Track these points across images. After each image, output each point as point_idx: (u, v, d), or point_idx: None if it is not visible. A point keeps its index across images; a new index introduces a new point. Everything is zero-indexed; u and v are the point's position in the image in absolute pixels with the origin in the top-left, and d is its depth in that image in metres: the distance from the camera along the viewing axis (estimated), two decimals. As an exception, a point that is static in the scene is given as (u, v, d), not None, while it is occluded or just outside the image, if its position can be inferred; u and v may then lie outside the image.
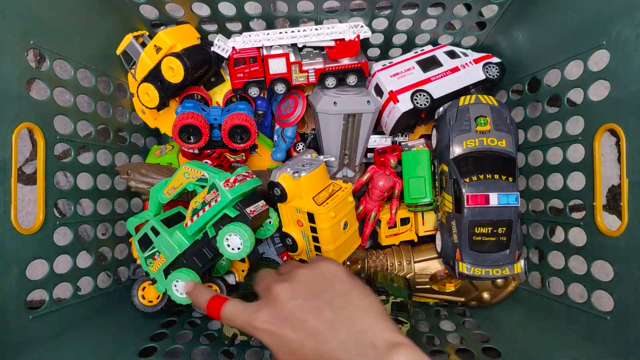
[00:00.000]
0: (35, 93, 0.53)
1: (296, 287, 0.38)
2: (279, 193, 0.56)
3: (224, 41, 0.61)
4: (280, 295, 0.38)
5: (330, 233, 0.56)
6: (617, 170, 0.69)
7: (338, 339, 0.34)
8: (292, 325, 0.36)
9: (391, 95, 0.64)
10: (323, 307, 0.36)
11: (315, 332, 0.35)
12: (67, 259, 0.56)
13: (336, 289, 0.38)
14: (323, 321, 0.35)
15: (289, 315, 0.36)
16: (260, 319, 0.38)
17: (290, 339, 0.35)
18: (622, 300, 0.46)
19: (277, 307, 0.37)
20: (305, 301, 0.37)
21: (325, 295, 0.37)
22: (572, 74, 0.54)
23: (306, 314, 0.36)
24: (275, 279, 0.41)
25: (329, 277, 0.39)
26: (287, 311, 0.36)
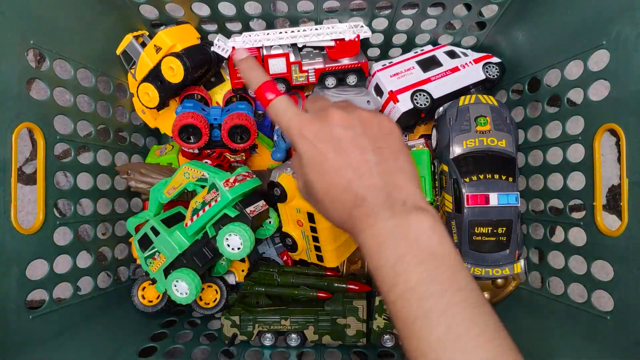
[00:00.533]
0: (35, 93, 0.53)
1: (352, 120, 0.37)
2: (278, 193, 0.56)
3: (224, 41, 0.61)
4: (335, 118, 0.37)
5: (330, 233, 0.56)
6: (617, 170, 0.69)
7: (373, 181, 0.34)
8: (337, 150, 0.35)
9: (391, 95, 0.64)
10: (370, 149, 0.35)
11: (356, 165, 0.35)
12: (67, 259, 0.56)
13: (388, 142, 0.37)
14: (366, 160, 0.35)
15: (337, 139, 0.36)
16: (309, 129, 0.37)
17: (330, 160, 0.35)
18: (622, 300, 0.45)
19: (329, 127, 0.36)
20: (357, 136, 0.36)
21: (376, 142, 0.36)
22: (572, 74, 0.54)
23: (353, 147, 0.35)
24: (333, 104, 0.39)
25: (385, 129, 0.38)
26: (337, 135, 0.36)
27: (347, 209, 0.35)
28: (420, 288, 0.29)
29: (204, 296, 0.63)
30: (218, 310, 0.63)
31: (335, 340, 0.58)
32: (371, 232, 0.33)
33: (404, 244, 0.31)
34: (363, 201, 0.34)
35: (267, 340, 0.58)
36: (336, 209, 0.36)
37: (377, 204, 0.33)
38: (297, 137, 0.37)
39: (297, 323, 0.57)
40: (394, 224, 0.32)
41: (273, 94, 0.40)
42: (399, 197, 0.33)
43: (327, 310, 0.57)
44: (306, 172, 0.37)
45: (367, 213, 0.33)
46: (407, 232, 0.31)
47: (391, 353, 0.58)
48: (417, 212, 0.32)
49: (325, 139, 0.36)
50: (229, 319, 0.58)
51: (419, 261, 0.30)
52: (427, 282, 0.29)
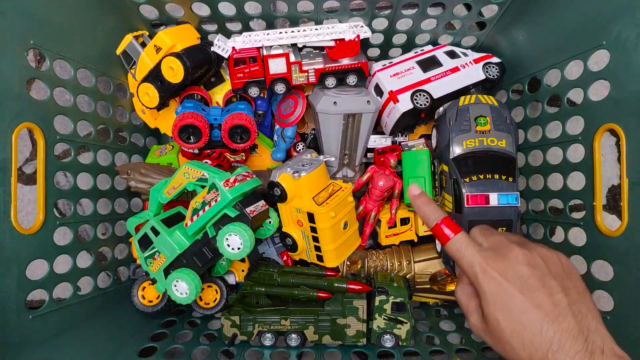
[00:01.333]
0: (35, 93, 0.53)
1: (536, 259, 0.37)
2: (279, 193, 0.56)
3: (223, 41, 0.61)
4: (519, 257, 0.37)
5: (330, 233, 0.56)
6: (617, 170, 0.69)
7: (568, 325, 0.34)
8: (524, 289, 0.35)
9: (391, 95, 0.64)
10: (559, 291, 0.35)
11: (546, 307, 0.34)
12: (67, 259, 0.56)
13: (573, 282, 0.37)
14: (556, 303, 0.35)
15: (524, 279, 0.36)
16: (494, 266, 0.37)
17: (518, 300, 0.35)
18: (622, 300, 0.45)
19: (514, 265, 0.36)
20: (543, 276, 0.36)
21: (562, 282, 0.36)
22: (572, 74, 0.54)
23: (541, 287, 0.35)
24: (512, 239, 0.39)
25: (567, 268, 0.38)
26: (524, 274, 0.36)
27: (542, 352, 0.34)
28: None
29: (204, 296, 0.63)
30: (218, 310, 0.63)
31: (335, 340, 0.58)
32: None
33: None
34: (560, 347, 0.33)
35: (267, 340, 0.58)
36: (526, 351, 0.35)
37: (577, 352, 0.33)
38: (481, 274, 0.37)
39: (297, 323, 0.57)
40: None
41: (452, 231, 0.40)
42: (596, 344, 0.33)
43: (327, 310, 0.57)
44: (491, 311, 0.37)
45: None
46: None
47: (391, 353, 0.57)
48: None
49: (511, 277, 0.36)
50: (229, 319, 0.58)
51: None
52: None
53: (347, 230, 0.59)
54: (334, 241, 0.57)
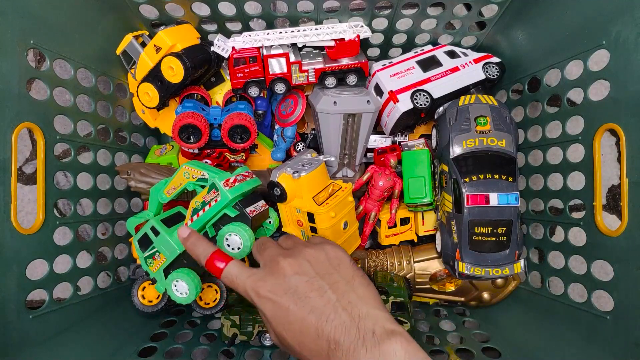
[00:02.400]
0: (35, 93, 0.53)
1: (302, 264, 0.39)
2: (279, 193, 0.56)
3: (223, 41, 0.61)
4: (286, 269, 0.38)
5: (330, 233, 0.56)
6: (617, 170, 0.69)
7: (340, 320, 0.35)
8: (296, 300, 0.36)
9: (391, 95, 0.64)
10: (327, 289, 0.37)
11: (318, 310, 0.35)
12: (67, 258, 0.56)
13: (341, 274, 0.39)
14: (326, 301, 0.36)
15: (293, 290, 0.37)
16: (264, 288, 0.38)
17: (292, 312, 0.36)
18: (622, 300, 0.46)
19: (282, 280, 0.38)
20: (311, 279, 0.37)
21: (329, 278, 0.38)
22: (572, 73, 0.54)
23: (310, 292, 0.36)
24: (280, 252, 0.41)
25: (334, 261, 0.40)
26: (292, 285, 0.37)
27: (324, 356, 0.35)
28: None
29: (204, 296, 0.63)
30: (218, 310, 0.62)
31: (335, 340, 0.57)
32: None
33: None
34: (337, 344, 0.34)
35: (267, 340, 0.58)
36: (314, 357, 0.36)
37: (351, 343, 0.33)
38: (256, 299, 0.38)
39: (297, 323, 0.57)
40: (370, 357, 0.32)
41: (223, 262, 0.41)
42: (368, 327, 0.34)
43: (327, 310, 0.57)
44: (274, 328, 0.38)
45: (344, 355, 0.33)
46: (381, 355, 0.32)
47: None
48: (388, 338, 0.33)
49: (282, 292, 0.37)
50: (229, 319, 0.58)
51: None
52: None
53: (347, 230, 0.59)
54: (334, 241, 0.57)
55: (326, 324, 0.35)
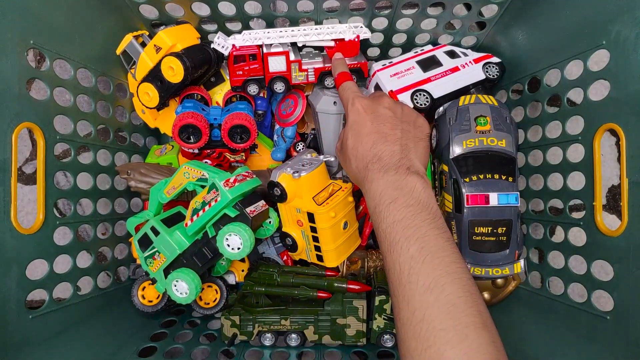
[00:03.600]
0: (35, 93, 0.53)
1: (396, 108, 0.50)
2: (279, 193, 0.56)
3: (224, 38, 0.61)
4: (384, 102, 0.50)
5: (330, 233, 0.56)
6: (617, 170, 0.69)
7: (392, 148, 0.46)
8: (375, 120, 0.48)
9: (391, 95, 0.64)
10: (399, 128, 0.48)
11: (384, 133, 0.47)
12: (67, 258, 0.56)
13: (416, 131, 0.50)
14: (393, 134, 0.47)
15: (379, 115, 0.48)
16: (361, 102, 0.50)
17: (367, 126, 0.47)
18: (622, 300, 0.45)
19: (376, 105, 0.49)
20: (395, 117, 0.49)
21: (406, 125, 0.49)
22: (572, 73, 0.54)
23: (388, 122, 0.48)
24: (385, 95, 0.52)
25: (418, 123, 0.51)
26: (381, 112, 0.48)
27: (365, 162, 0.46)
28: (406, 221, 0.39)
29: (204, 296, 0.63)
30: (218, 310, 0.63)
31: (335, 340, 0.58)
32: (378, 181, 0.43)
33: (399, 192, 0.41)
34: (379, 159, 0.45)
35: (267, 340, 0.58)
36: (357, 161, 0.47)
37: (389, 163, 0.44)
38: (350, 106, 0.50)
39: (297, 323, 0.57)
40: (395, 178, 0.43)
41: (345, 78, 0.56)
42: (407, 164, 0.44)
43: (327, 310, 0.57)
44: (346, 133, 0.49)
45: (379, 168, 0.44)
46: (404, 184, 0.42)
47: (391, 353, 0.58)
48: (416, 175, 0.43)
49: (370, 111, 0.48)
50: (229, 319, 0.58)
51: (408, 204, 0.40)
52: (411, 217, 0.39)
53: (347, 230, 0.60)
54: (334, 241, 0.57)
55: (382, 143, 0.46)
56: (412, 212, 0.39)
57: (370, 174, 0.44)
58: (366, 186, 0.45)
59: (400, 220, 0.39)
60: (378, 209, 0.42)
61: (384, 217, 0.40)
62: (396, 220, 0.39)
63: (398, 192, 0.41)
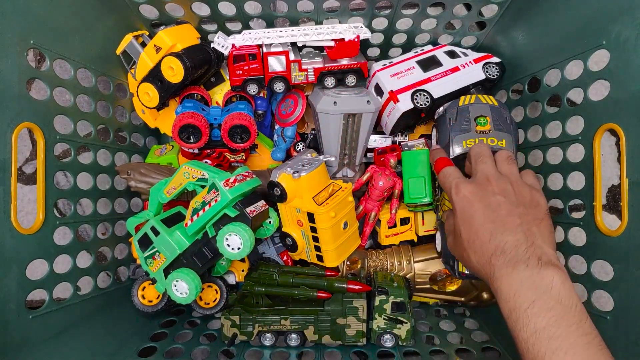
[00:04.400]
0: (35, 93, 0.53)
1: (508, 189, 0.44)
2: (279, 193, 0.56)
3: (223, 38, 0.61)
4: (493, 187, 0.44)
5: (330, 233, 0.56)
6: (617, 170, 0.69)
7: (515, 237, 0.40)
8: (487, 208, 0.43)
9: (391, 95, 0.64)
10: (516, 213, 0.42)
11: (500, 222, 0.42)
12: (67, 258, 0.56)
13: (534, 211, 0.44)
14: (511, 221, 0.42)
15: (493, 202, 0.43)
16: (466, 189, 0.45)
17: (479, 216, 0.43)
18: (622, 300, 0.45)
19: (485, 192, 0.44)
20: (509, 202, 0.43)
21: (524, 208, 0.43)
22: (572, 73, 0.54)
23: (502, 209, 0.43)
24: (494, 172, 0.47)
25: (534, 201, 0.45)
26: (492, 200, 0.43)
27: (487, 256, 0.41)
28: (550, 330, 0.35)
29: (204, 296, 0.63)
30: (218, 310, 0.63)
31: (335, 340, 0.58)
32: (508, 279, 0.38)
33: (536, 292, 0.36)
34: (503, 252, 0.40)
35: (267, 340, 0.58)
36: (477, 256, 0.42)
37: (516, 256, 0.39)
38: (454, 195, 0.46)
39: (297, 323, 0.57)
40: (529, 274, 0.37)
41: (445, 164, 0.51)
42: (537, 253, 0.39)
43: (327, 310, 0.57)
44: (457, 223, 0.45)
45: (505, 263, 0.39)
46: (540, 282, 0.37)
47: (391, 353, 0.58)
48: (551, 267, 0.38)
49: (478, 198, 0.44)
50: (229, 319, 0.58)
51: (549, 307, 0.36)
52: (555, 325, 0.35)
53: (347, 230, 0.59)
54: (334, 241, 0.57)
55: (502, 233, 0.41)
56: (555, 318, 0.35)
57: (497, 271, 0.39)
58: (495, 285, 0.40)
59: (543, 330, 0.35)
60: (515, 315, 0.37)
61: (524, 325, 0.36)
62: (538, 329, 0.35)
63: (534, 291, 0.37)
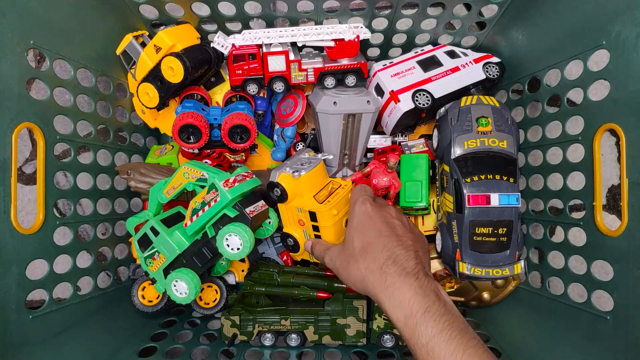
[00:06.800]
0: (35, 93, 0.53)
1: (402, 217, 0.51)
2: (279, 193, 0.56)
3: (223, 38, 0.61)
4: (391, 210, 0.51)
5: (333, 231, 0.56)
6: (617, 170, 0.69)
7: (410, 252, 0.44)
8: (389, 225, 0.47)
9: (392, 95, 0.64)
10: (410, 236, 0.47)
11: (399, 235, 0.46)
12: (67, 258, 0.56)
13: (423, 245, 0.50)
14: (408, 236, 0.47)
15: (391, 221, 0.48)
16: (371, 204, 0.49)
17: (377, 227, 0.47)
18: (622, 300, 0.45)
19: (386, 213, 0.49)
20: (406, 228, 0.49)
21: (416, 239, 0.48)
22: (572, 73, 0.54)
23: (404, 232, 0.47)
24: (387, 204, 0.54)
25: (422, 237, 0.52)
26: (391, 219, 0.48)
27: (378, 264, 0.42)
28: (447, 332, 0.37)
29: (204, 296, 0.63)
30: (218, 310, 0.63)
31: (335, 340, 0.58)
32: (401, 287, 0.40)
33: (429, 299, 0.39)
34: (394, 262, 0.42)
35: (267, 340, 0.58)
36: (367, 262, 0.44)
37: (406, 268, 0.42)
38: (358, 205, 0.49)
39: (297, 323, 0.57)
40: (419, 284, 0.40)
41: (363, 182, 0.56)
42: (423, 270, 0.42)
43: (327, 310, 0.57)
44: (351, 233, 0.47)
45: (397, 272, 0.41)
46: (430, 292, 0.40)
47: (391, 353, 0.58)
48: (435, 281, 0.42)
49: (379, 215, 0.47)
50: (229, 319, 0.58)
51: (442, 313, 0.38)
52: (450, 327, 0.37)
53: None
54: (337, 239, 0.57)
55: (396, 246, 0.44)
56: (449, 322, 0.38)
57: (389, 278, 0.41)
58: (386, 292, 0.41)
59: (441, 332, 0.37)
60: (412, 321, 0.38)
61: (422, 330, 0.38)
62: (435, 332, 0.37)
63: (427, 299, 0.39)
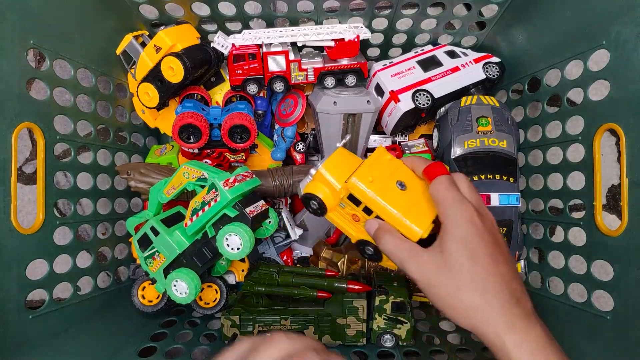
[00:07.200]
0: (35, 93, 0.53)
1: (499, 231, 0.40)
2: (316, 206, 0.44)
3: (223, 38, 0.61)
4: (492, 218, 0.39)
5: (383, 199, 0.40)
6: (617, 170, 0.69)
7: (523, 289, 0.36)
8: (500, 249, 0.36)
9: (392, 95, 0.64)
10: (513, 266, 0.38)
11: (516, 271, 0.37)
12: (67, 258, 0.56)
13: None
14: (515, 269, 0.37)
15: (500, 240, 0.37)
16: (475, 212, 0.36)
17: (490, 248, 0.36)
18: (622, 300, 0.45)
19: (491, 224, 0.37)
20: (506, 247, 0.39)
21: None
22: (572, 73, 0.54)
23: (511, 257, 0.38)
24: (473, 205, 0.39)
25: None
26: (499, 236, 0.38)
27: (500, 300, 0.34)
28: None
29: (204, 296, 0.63)
30: (218, 310, 0.63)
31: (335, 340, 0.58)
32: (527, 336, 0.33)
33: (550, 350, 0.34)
34: (518, 301, 0.34)
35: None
36: (486, 294, 0.34)
37: (528, 307, 0.35)
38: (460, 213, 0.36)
39: (297, 323, 0.57)
40: (540, 332, 0.34)
41: (441, 172, 0.39)
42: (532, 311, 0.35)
43: (327, 310, 0.57)
44: (457, 250, 0.35)
45: (522, 315, 0.34)
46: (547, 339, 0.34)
47: (391, 353, 0.57)
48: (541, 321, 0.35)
49: (487, 231, 0.36)
50: (229, 319, 0.58)
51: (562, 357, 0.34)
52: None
53: (408, 190, 0.41)
54: (397, 205, 0.40)
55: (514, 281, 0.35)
56: None
57: (517, 322, 0.33)
58: (513, 337, 0.33)
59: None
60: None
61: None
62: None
63: (549, 350, 0.34)
